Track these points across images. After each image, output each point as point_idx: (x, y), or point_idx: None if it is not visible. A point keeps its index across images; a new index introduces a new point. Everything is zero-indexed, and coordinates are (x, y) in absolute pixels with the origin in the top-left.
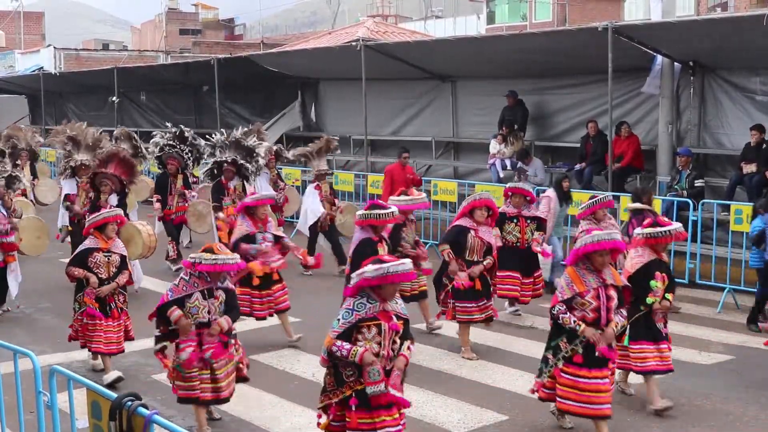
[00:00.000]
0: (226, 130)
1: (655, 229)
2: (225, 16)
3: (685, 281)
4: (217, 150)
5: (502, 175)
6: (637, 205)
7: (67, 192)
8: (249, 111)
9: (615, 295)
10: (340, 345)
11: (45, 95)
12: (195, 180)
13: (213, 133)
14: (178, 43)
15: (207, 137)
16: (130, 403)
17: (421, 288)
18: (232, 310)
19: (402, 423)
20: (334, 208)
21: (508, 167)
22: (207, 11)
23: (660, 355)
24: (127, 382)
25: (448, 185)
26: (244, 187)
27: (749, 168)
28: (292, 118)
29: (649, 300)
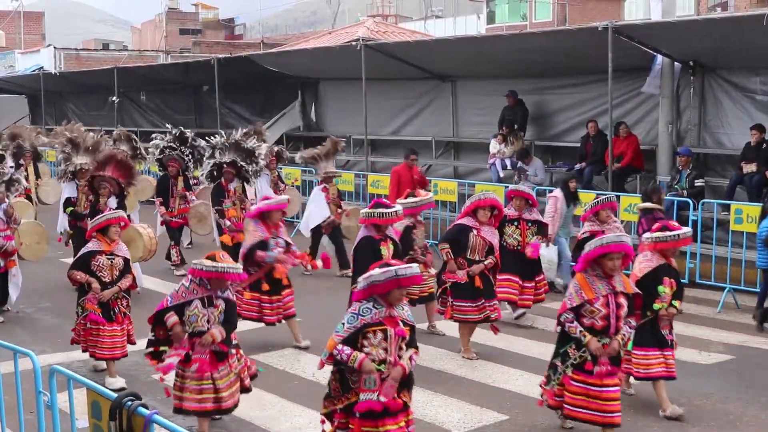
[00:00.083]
0: (226, 132)
1: (663, 233)
2: (225, 15)
3: (685, 281)
4: (217, 152)
5: (502, 174)
6: (647, 205)
7: (68, 195)
8: (249, 111)
9: (625, 302)
10: (341, 349)
11: (45, 95)
12: (196, 181)
13: (213, 136)
14: (178, 43)
15: (207, 138)
16: (130, 403)
17: (430, 290)
18: (229, 322)
19: (409, 430)
20: (340, 210)
21: (508, 167)
22: (207, 11)
23: (665, 362)
24: (127, 382)
25: (449, 185)
26: (244, 188)
27: (749, 168)
28: (292, 118)
29: (656, 306)
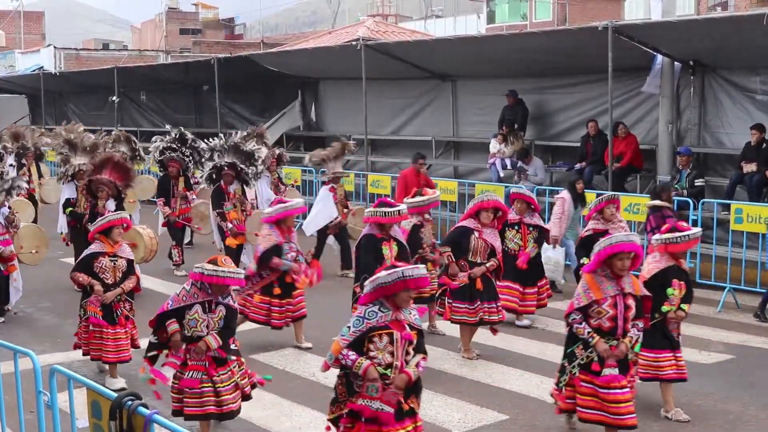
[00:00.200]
0: (225, 134)
1: (673, 234)
2: (225, 15)
3: None
4: (215, 154)
5: (502, 174)
6: (656, 202)
7: (67, 197)
8: (249, 110)
9: (633, 304)
10: (346, 354)
11: (45, 95)
12: (196, 181)
13: (211, 138)
14: (178, 42)
15: (207, 140)
16: (130, 402)
17: (432, 291)
18: (228, 327)
19: None
20: (346, 210)
21: (509, 167)
22: (207, 11)
23: (677, 364)
24: (127, 382)
25: (449, 185)
26: (243, 190)
27: (749, 167)
28: (292, 117)
29: (664, 308)
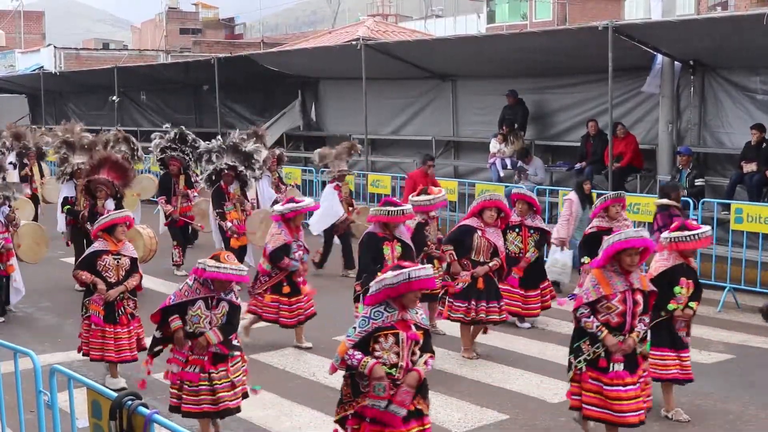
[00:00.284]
0: (223, 136)
1: (682, 233)
2: (225, 15)
3: None
4: (214, 155)
5: (502, 174)
6: (664, 201)
7: (66, 195)
8: (249, 110)
9: (641, 300)
10: (351, 354)
11: (45, 95)
12: (197, 179)
13: (210, 141)
14: (178, 42)
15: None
16: (130, 402)
17: (434, 290)
18: (230, 324)
19: None
20: (351, 209)
21: (509, 166)
22: (207, 10)
23: (681, 364)
24: (127, 382)
25: (449, 184)
26: (243, 191)
27: (749, 167)
28: (292, 117)
29: (671, 306)
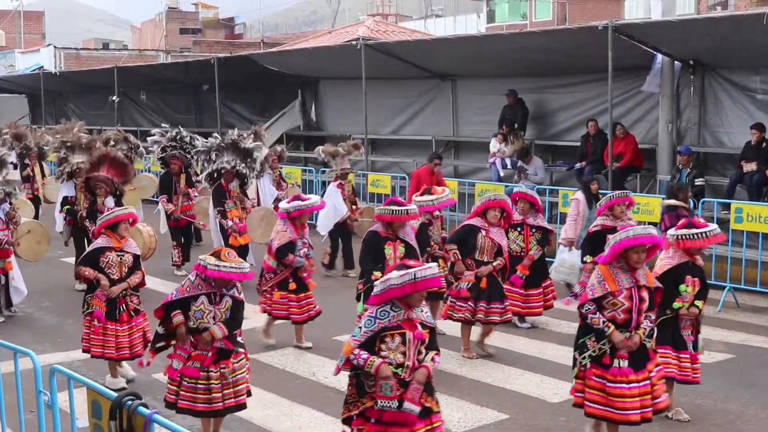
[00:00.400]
0: (222, 134)
1: (689, 230)
2: (225, 15)
3: None
4: (213, 153)
5: (502, 174)
6: (672, 202)
7: (65, 195)
8: (249, 110)
9: (647, 297)
10: (357, 353)
11: (45, 94)
12: (198, 179)
13: (209, 137)
14: (178, 42)
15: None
16: (130, 402)
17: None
18: (234, 319)
19: None
20: (355, 207)
21: (509, 166)
22: (207, 10)
23: (679, 364)
24: (127, 382)
25: (449, 184)
26: (243, 189)
27: (749, 167)
28: (292, 117)
29: (676, 305)
